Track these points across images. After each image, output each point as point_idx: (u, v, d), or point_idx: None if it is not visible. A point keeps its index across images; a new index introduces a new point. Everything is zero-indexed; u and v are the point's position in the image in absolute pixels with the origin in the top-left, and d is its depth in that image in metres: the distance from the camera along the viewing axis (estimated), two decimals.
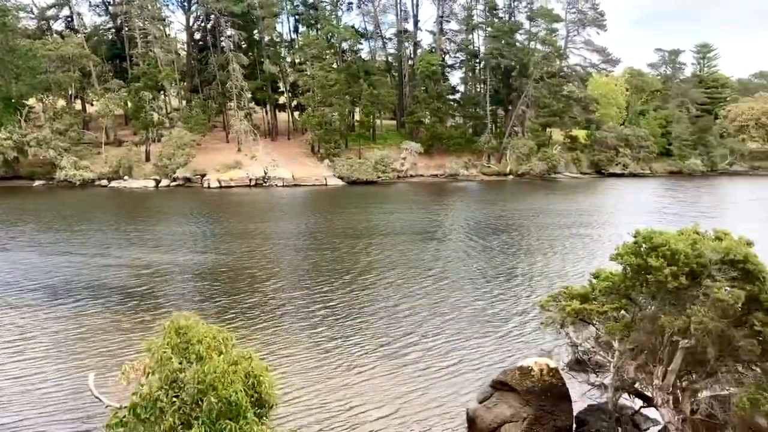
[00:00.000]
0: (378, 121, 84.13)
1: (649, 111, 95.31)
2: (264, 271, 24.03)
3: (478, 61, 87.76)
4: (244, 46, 75.21)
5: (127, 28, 69.21)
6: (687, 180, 78.20)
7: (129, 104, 67.39)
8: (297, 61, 78.44)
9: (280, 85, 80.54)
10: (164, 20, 75.22)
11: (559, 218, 40.55)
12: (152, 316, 17.92)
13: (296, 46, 79.09)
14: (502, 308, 19.33)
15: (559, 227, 36.73)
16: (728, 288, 8.16)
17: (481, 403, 10.68)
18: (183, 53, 78.48)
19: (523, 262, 26.33)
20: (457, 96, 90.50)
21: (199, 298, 20.06)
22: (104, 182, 59.87)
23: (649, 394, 9.29)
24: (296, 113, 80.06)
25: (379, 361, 14.54)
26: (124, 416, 7.15)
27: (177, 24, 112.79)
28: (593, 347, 10.09)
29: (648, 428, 10.65)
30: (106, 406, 8.63)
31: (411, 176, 73.42)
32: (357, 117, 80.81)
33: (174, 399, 6.90)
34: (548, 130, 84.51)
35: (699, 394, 8.72)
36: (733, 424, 8.39)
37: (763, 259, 8.84)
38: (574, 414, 10.51)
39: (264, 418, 7.24)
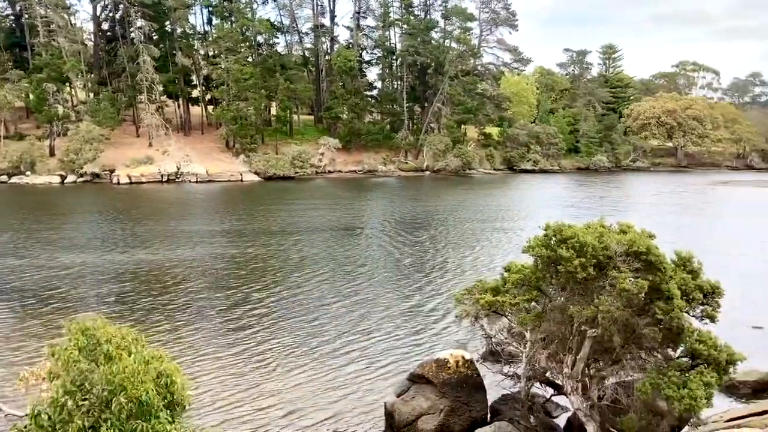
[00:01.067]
0: (295, 116, 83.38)
1: (558, 109, 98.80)
2: (184, 270, 23.35)
3: (394, 57, 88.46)
4: (155, 37, 72.78)
5: (27, 16, 65.56)
6: (594, 175, 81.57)
7: (30, 96, 63.91)
8: (211, 53, 76.59)
9: (194, 78, 78.45)
10: (69, 8, 71.74)
11: (475, 213, 41.43)
12: (62, 318, 17.07)
13: (210, 39, 77.14)
14: (420, 302, 19.54)
15: (475, 222, 37.52)
16: (632, 278, 8.52)
17: (398, 396, 10.76)
18: (90, 44, 75.05)
19: (442, 257, 26.73)
20: (375, 92, 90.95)
21: (114, 300, 19.27)
22: (4, 178, 56.57)
23: (559, 382, 9.61)
24: (210, 107, 78.22)
25: (298, 358, 14.40)
26: (26, 426, 6.75)
27: (83, 13, 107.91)
28: (506, 338, 10.35)
29: (558, 415, 11.04)
30: (6, 415, 8.13)
31: (329, 172, 73.20)
32: (273, 112, 79.70)
33: (82, 402, 6.57)
34: (463, 127, 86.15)
35: (605, 381, 9.10)
36: (636, 408, 8.80)
37: (664, 251, 9.29)
38: (489, 404, 10.75)
39: (177, 418, 7.01)
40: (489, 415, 10.56)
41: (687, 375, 8.35)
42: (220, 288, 20.71)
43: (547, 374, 9.79)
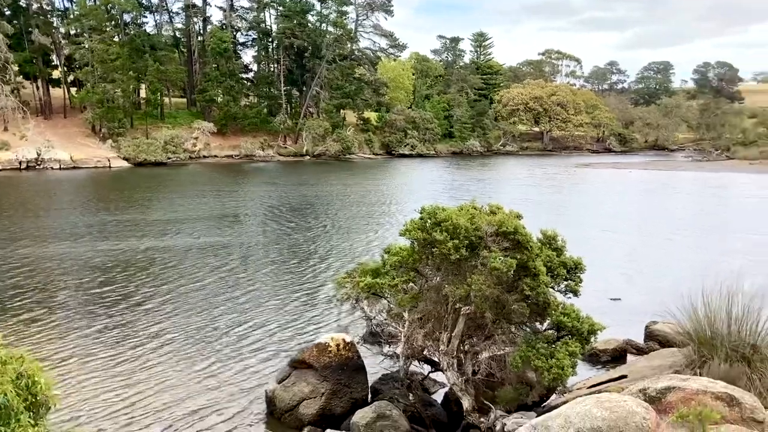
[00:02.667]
0: (166, 99, 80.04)
1: (433, 95, 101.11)
2: (50, 265, 21.88)
3: (270, 40, 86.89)
4: (7, 13, 67.18)
5: None
6: (468, 159, 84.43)
7: None
8: (72, 32, 71.76)
9: (54, 58, 73.25)
10: None
11: (357, 198, 41.74)
12: None
13: (71, 16, 72.23)
14: (303, 288, 19.48)
15: (357, 206, 37.81)
16: (502, 257, 8.93)
17: (279, 383, 10.71)
18: None
19: (324, 242, 26.74)
20: (251, 75, 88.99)
21: None
22: None
23: (436, 359, 9.94)
24: (73, 89, 73.46)
25: (177, 350, 13.95)
26: None
27: None
28: (386, 319, 10.55)
29: (436, 391, 11.42)
30: None
31: (204, 157, 71.04)
32: (143, 94, 76.07)
33: None
34: (342, 111, 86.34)
35: (479, 356, 9.50)
36: (509, 380, 9.27)
37: (530, 230, 9.80)
38: (370, 384, 10.94)
39: (41, 419, 6.60)
40: (370, 396, 10.76)
41: (554, 346, 8.90)
42: (96, 284, 19.65)
43: (425, 352, 10.10)
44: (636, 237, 28.86)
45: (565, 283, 9.85)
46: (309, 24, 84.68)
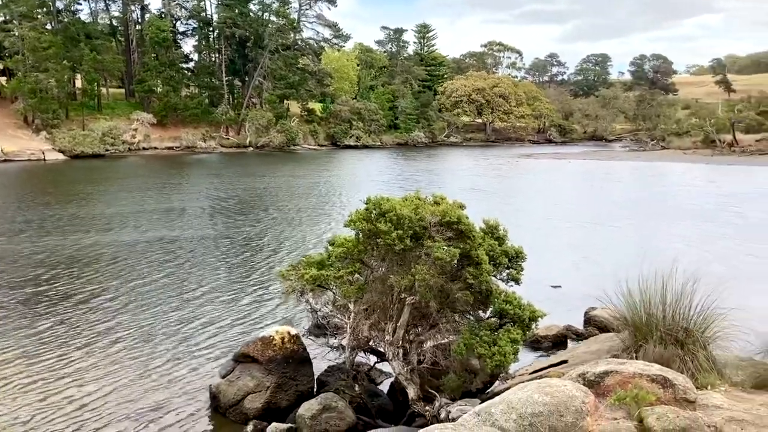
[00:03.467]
0: (104, 90, 77.68)
1: (378, 86, 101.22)
2: None
3: (211, 29, 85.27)
4: None
5: None
6: (413, 150, 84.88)
7: None
8: (1, 19, 68.81)
9: None
10: None
11: (303, 189, 41.47)
12: None
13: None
14: (248, 282, 19.26)
15: (304, 197, 37.56)
16: (445, 247, 9.01)
17: (224, 377, 10.58)
18: None
19: (272, 234, 26.47)
20: (191, 65, 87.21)
21: None
22: None
23: (381, 349, 9.97)
24: (3, 79, 70.49)
25: (119, 348, 13.60)
26: None
27: None
28: (331, 311, 10.52)
29: (382, 381, 11.47)
30: None
31: (144, 149, 69.34)
32: (79, 84, 73.62)
33: None
34: (285, 102, 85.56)
35: (424, 345, 9.59)
36: (454, 368, 9.38)
37: (473, 220, 9.92)
38: (315, 377, 10.90)
39: None
40: (316, 388, 10.72)
41: (496, 334, 9.04)
42: (39, 282, 18.95)
43: (371, 343, 10.13)
44: (575, 225, 29.58)
45: (507, 271, 10.01)
46: (251, 13, 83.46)
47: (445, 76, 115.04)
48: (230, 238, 25.64)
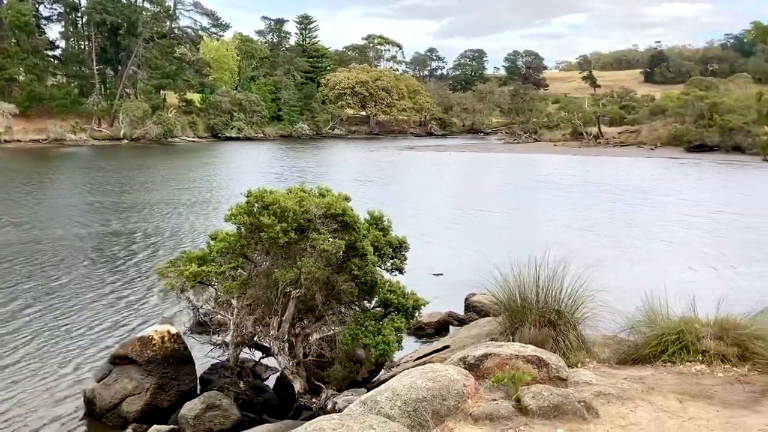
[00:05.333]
0: None
1: (259, 77, 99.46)
2: None
3: (79, 15, 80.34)
4: None
5: None
6: (297, 142, 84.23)
7: None
8: None
9: None
10: None
11: (182, 183, 40.04)
12: None
13: None
14: (122, 281, 18.39)
15: (183, 191, 36.27)
16: (331, 239, 9.02)
17: (99, 381, 10.06)
18: None
19: (147, 231, 25.37)
20: (58, 52, 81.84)
21: None
22: None
23: (267, 344, 9.85)
24: None
25: None
26: None
27: None
28: (213, 308, 10.26)
29: (268, 377, 11.34)
30: None
31: (5, 142, 64.49)
32: None
33: None
34: (162, 92, 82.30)
35: (310, 338, 9.57)
36: (340, 359, 9.43)
37: (358, 212, 10.00)
38: (198, 376, 10.61)
39: None
40: (199, 387, 10.44)
41: (381, 323, 9.18)
42: None
43: (255, 338, 9.98)
44: (457, 214, 30.52)
45: (391, 261, 10.18)
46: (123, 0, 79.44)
47: (328, 68, 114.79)
48: (105, 236, 24.36)
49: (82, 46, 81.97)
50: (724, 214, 29.34)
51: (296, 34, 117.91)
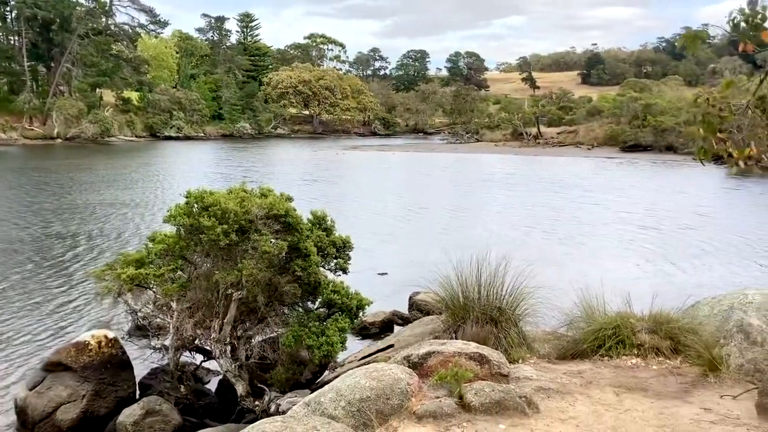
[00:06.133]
0: None
1: (199, 75, 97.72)
2: None
3: (8, 9, 77.25)
4: None
5: None
6: (239, 142, 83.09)
7: None
8: None
9: None
10: None
11: (119, 183, 38.93)
12: None
13: None
14: (57, 285, 17.75)
15: (120, 192, 35.27)
16: (273, 240, 8.92)
17: (32, 389, 9.67)
18: None
19: (84, 233, 24.54)
20: None
21: None
22: None
23: (208, 347, 9.68)
24: None
25: None
26: None
27: None
28: (153, 311, 10.02)
29: (210, 380, 11.14)
30: None
31: None
32: None
33: None
34: (99, 90, 79.95)
35: (253, 340, 9.45)
36: (283, 361, 9.34)
37: (301, 212, 9.92)
38: (137, 381, 10.34)
39: None
40: (138, 392, 10.17)
41: (325, 324, 9.13)
42: None
43: (196, 341, 9.79)
44: (401, 213, 30.65)
45: (335, 261, 10.14)
46: None
47: (270, 66, 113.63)
48: (39, 238, 23.47)
49: (12, 42, 78.82)
50: (661, 212, 30.38)
51: (237, 32, 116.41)
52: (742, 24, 3.87)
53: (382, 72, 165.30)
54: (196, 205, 9.04)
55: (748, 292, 7.79)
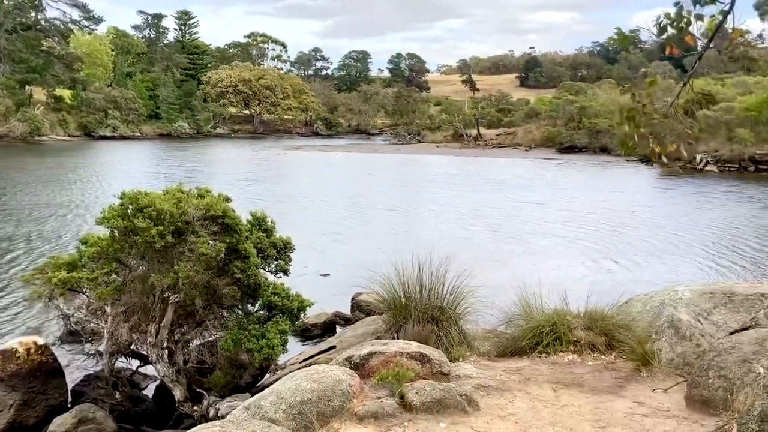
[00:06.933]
0: None
1: (136, 73, 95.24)
2: None
3: None
4: None
5: None
6: (177, 141, 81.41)
7: None
8: None
9: None
10: None
11: (51, 184, 37.51)
12: None
13: None
14: None
15: (52, 193, 33.98)
16: (211, 242, 8.75)
17: None
18: None
19: (13, 235, 23.52)
20: None
21: None
22: None
23: (144, 352, 9.43)
24: None
25: None
26: None
27: None
28: (86, 316, 9.68)
29: (146, 386, 10.85)
30: None
31: None
32: None
33: None
34: (28, 88, 76.96)
35: (190, 344, 9.25)
36: (222, 365, 9.17)
37: (240, 213, 9.77)
38: (70, 388, 9.98)
39: None
40: (70, 400, 9.82)
41: (265, 326, 9.01)
42: None
43: (132, 346, 9.51)
44: (345, 214, 30.58)
45: (276, 263, 10.02)
46: None
47: (210, 65, 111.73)
48: None
49: None
50: (599, 210, 31.26)
51: (175, 29, 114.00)
52: (669, 28, 4.00)
53: (324, 72, 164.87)
54: (130, 207, 8.79)
55: (678, 289, 8.09)
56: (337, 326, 14.59)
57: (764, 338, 5.72)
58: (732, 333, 6.50)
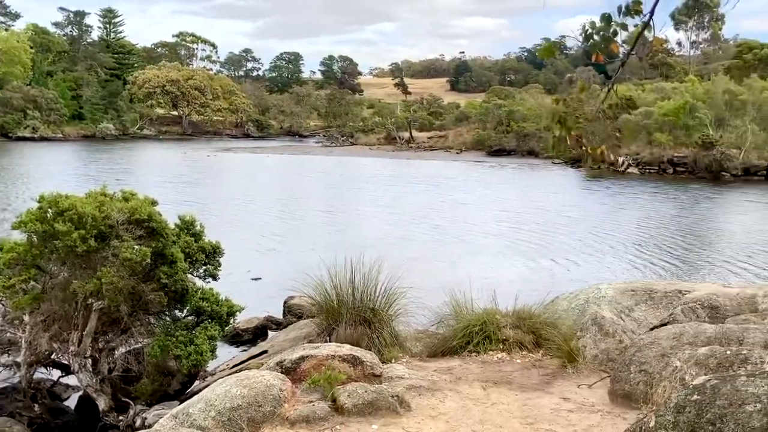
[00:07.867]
0: None
1: (57, 72, 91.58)
2: None
3: None
4: None
5: None
6: (102, 143, 78.79)
7: None
8: None
9: None
10: None
11: None
12: None
13: None
14: None
15: None
16: (135, 246, 8.49)
17: None
18: None
19: None
20: None
21: None
22: None
23: (66, 362, 9.07)
24: None
25: None
26: None
27: None
28: (2, 325, 9.22)
29: (69, 397, 10.43)
30: None
31: None
32: None
33: None
34: None
35: (116, 352, 8.95)
36: (149, 372, 8.91)
37: (166, 217, 9.52)
38: None
39: None
40: None
41: (193, 332, 8.80)
42: None
43: (53, 356, 9.13)
44: (277, 216, 30.25)
45: (204, 267, 9.83)
46: None
47: (136, 65, 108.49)
48: None
49: None
50: (529, 210, 32.03)
51: (99, 28, 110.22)
52: (594, 36, 4.14)
53: (255, 73, 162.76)
54: (50, 210, 8.43)
55: (601, 287, 8.36)
56: (269, 331, 14.42)
57: (681, 333, 5.97)
58: (652, 329, 6.76)
